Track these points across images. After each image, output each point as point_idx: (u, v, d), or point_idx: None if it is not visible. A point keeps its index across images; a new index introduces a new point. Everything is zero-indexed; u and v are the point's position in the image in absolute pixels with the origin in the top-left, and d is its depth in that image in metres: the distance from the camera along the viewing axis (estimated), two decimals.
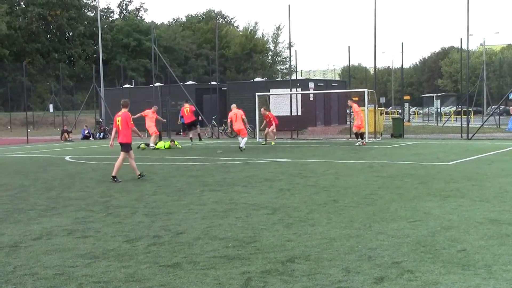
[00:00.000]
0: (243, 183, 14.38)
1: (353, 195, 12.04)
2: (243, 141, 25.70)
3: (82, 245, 8.09)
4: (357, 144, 27.43)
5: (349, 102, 30.24)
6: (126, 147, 15.92)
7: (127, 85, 56.36)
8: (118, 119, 16.04)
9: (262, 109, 30.66)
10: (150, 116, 29.04)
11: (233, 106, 27.45)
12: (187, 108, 29.96)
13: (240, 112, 26.57)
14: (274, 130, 29.77)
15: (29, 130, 41.93)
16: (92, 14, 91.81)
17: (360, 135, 28.29)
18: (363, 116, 28.65)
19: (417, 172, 15.84)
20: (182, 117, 31.32)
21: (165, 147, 27.88)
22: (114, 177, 15.29)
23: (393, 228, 8.64)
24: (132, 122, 15.79)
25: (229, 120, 27.47)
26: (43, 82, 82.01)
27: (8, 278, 6.58)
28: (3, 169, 19.72)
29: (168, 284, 6.22)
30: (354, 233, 8.39)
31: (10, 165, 21.39)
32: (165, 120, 33.93)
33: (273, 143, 29.18)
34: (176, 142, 29.01)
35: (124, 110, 15.96)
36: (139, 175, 15.86)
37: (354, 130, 29.23)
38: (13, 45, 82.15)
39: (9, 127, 57.86)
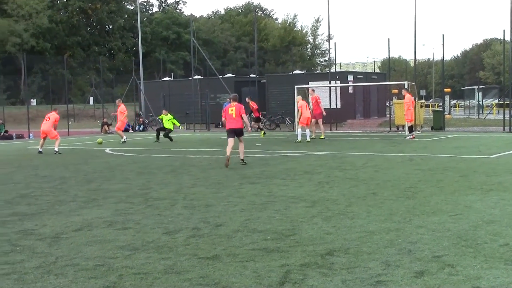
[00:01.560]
0: (282, 175, 14.36)
1: (392, 188, 11.94)
2: (307, 133, 25.97)
3: (122, 237, 8.16)
4: (407, 137, 27.06)
5: (403, 91, 29.20)
6: (240, 132, 17.79)
7: (166, 78, 56.69)
8: (231, 109, 17.65)
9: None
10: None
11: (299, 97, 27.43)
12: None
13: (304, 103, 26.51)
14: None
15: (69, 123, 42.49)
16: (132, 7, 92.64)
17: (409, 128, 27.87)
18: (412, 108, 28.13)
19: (458, 166, 15.63)
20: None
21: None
22: (227, 161, 16.72)
23: (434, 222, 8.54)
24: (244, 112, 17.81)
25: (299, 111, 26.54)
26: (84, 75, 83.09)
27: (50, 268, 6.67)
28: (45, 161, 20.01)
29: (207, 276, 6.24)
30: (394, 227, 8.31)
31: (52, 157, 21.70)
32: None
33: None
34: None
35: (235, 103, 17.78)
36: (243, 160, 17.37)
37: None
38: (55, 39, 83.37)
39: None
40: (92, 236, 8.28)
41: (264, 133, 32.09)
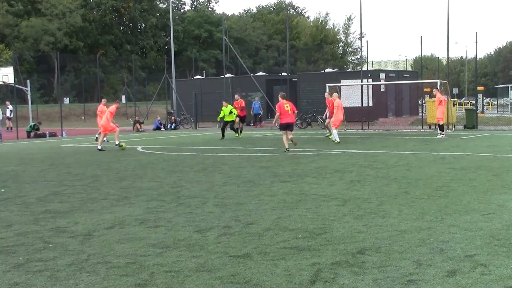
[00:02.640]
0: (313, 174, 14.34)
1: (424, 187, 11.85)
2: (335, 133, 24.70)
3: (153, 235, 8.22)
4: (439, 136, 26.90)
5: (434, 91, 29.15)
6: (292, 126, 20.99)
7: (198, 76, 56.93)
8: (287, 105, 20.68)
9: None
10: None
11: (335, 95, 26.22)
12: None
13: (341, 103, 25.51)
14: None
15: None
16: (164, 6, 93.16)
17: (440, 127, 27.67)
18: (443, 107, 27.93)
19: (491, 164, 15.46)
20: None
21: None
22: (287, 149, 20.05)
23: (466, 221, 8.46)
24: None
25: (336, 110, 25.37)
26: (116, 73, 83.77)
27: (82, 266, 6.74)
28: (77, 159, 20.23)
29: (238, 274, 6.26)
30: (426, 226, 8.26)
31: (84, 155, 21.92)
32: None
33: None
34: None
35: (285, 100, 20.74)
36: (287, 149, 20.08)
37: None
38: (87, 37, 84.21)
39: (83, 117, 59.31)
40: (123, 234, 8.35)
41: (239, 135, 30.73)
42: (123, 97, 66.80)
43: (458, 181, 12.50)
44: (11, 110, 43.71)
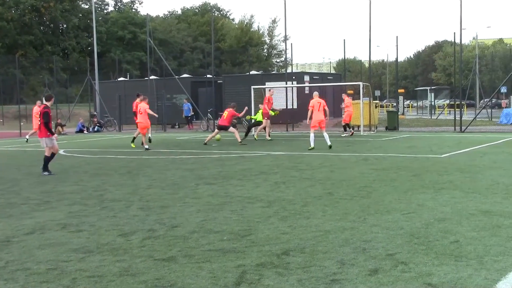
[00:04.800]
0: (238, 176, 14.38)
1: (348, 187, 12.07)
2: (326, 136, 22.51)
3: (76, 240, 8.07)
4: (343, 135, 28.66)
5: (343, 96, 30.67)
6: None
7: (122, 78, 56.24)
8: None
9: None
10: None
11: (315, 94, 25.54)
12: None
13: (323, 102, 23.37)
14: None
15: (22, 123, 41.81)
16: (87, 6, 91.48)
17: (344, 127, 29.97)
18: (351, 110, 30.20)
19: (411, 165, 15.87)
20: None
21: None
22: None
23: (388, 220, 8.66)
24: None
25: (310, 110, 22.98)
26: (36, 74, 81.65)
27: None
28: None
29: (162, 278, 6.22)
30: (349, 226, 8.40)
31: (3, 158, 21.34)
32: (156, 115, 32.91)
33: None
34: None
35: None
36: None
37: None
38: (6, 37, 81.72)
39: (1, 120, 57.63)
40: (44, 239, 8.17)
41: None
42: (44, 99, 65.27)
43: (380, 182, 12.78)
44: None
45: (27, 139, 30.68)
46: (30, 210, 10.49)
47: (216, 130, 25.77)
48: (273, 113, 28.55)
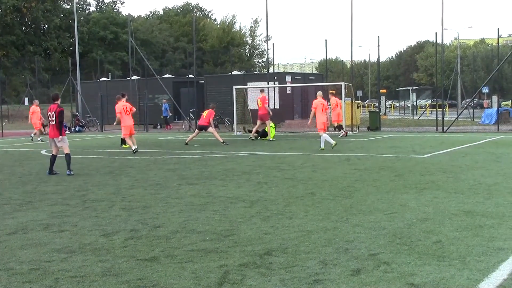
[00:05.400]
0: (220, 176, 14.37)
1: (330, 188, 12.10)
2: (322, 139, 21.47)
3: (58, 240, 8.03)
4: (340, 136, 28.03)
5: (330, 95, 30.49)
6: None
7: (104, 78, 55.99)
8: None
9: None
10: None
11: (319, 93, 24.77)
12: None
13: (325, 104, 22.84)
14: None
15: (4, 124, 41.50)
16: (68, 7, 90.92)
17: (339, 127, 29.34)
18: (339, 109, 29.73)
19: (393, 165, 15.95)
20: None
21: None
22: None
23: (370, 221, 8.70)
24: None
25: (312, 111, 22.45)
26: (18, 75, 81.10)
27: None
28: None
29: (145, 278, 6.21)
30: (331, 226, 8.43)
31: None
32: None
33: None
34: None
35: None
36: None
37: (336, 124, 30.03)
38: None
39: None
40: (27, 239, 8.12)
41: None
42: (26, 99, 64.88)
43: (362, 182, 12.83)
44: None
45: (32, 138, 31.08)
46: (12, 210, 10.43)
47: (197, 131, 25.71)
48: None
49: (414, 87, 66.89)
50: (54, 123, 15.48)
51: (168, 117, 42.26)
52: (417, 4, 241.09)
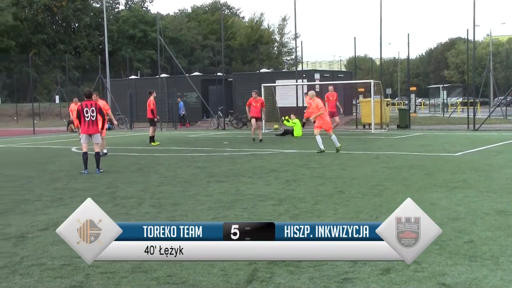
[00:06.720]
0: (249, 174, 14.37)
1: (359, 186, 12.02)
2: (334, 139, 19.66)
3: None
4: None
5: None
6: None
7: (133, 76, 56.31)
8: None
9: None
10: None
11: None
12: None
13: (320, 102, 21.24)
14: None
15: (35, 121, 41.98)
16: (98, 5, 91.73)
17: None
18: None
19: (423, 163, 15.80)
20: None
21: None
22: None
23: None
24: None
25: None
26: (49, 73, 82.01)
27: (15, 268, 6.59)
28: (10, 160, 19.76)
29: (174, 275, 6.23)
30: None
31: (17, 156, 21.43)
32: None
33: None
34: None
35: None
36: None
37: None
38: (19, 36, 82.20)
39: (15, 118, 57.94)
40: (58, 235, 8.16)
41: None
42: (57, 97, 65.55)
43: (392, 180, 12.73)
44: None
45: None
46: (43, 206, 10.54)
47: (253, 121, 25.16)
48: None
49: (445, 85, 66.25)
50: (94, 119, 15.51)
51: (183, 115, 42.37)
52: (448, 0, 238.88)
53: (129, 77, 53.94)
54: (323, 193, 11.20)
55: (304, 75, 40.31)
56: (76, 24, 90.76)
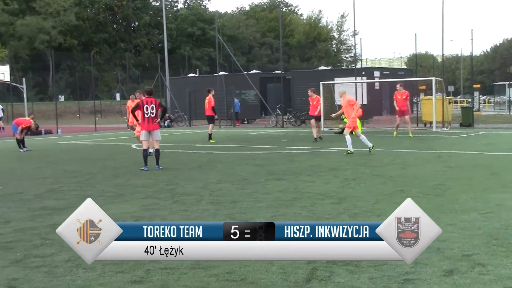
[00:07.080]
0: (308, 172, 14.29)
1: (420, 185, 11.80)
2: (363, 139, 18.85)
3: None
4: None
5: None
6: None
7: (191, 74, 56.83)
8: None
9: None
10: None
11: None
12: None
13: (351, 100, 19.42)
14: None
15: (97, 118, 42.81)
16: (157, 4, 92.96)
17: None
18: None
19: (488, 163, 15.40)
20: None
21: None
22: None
23: (463, 220, 8.41)
24: None
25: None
26: (110, 71, 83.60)
27: (78, 262, 6.69)
28: (73, 157, 20.16)
29: (233, 272, 6.22)
30: None
31: (80, 152, 21.85)
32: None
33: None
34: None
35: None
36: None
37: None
38: (82, 36, 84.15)
39: (78, 115, 59.20)
40: None
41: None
42: (117, 94, 66.68)
43: (455, 180, 12.45)
44: (2, 109, 43.44)
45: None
46: (105, 202, 10.67)
47: (313, 121, 24.83)
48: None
49: (511, 82, 64.65)
50: (154, 115, 15.67)
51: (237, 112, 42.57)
52: None
53: (188, 75, 54.47)
54: (383, 192, 11.04)
55: (363, 73, 39.95)
56: (136, 23, 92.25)
